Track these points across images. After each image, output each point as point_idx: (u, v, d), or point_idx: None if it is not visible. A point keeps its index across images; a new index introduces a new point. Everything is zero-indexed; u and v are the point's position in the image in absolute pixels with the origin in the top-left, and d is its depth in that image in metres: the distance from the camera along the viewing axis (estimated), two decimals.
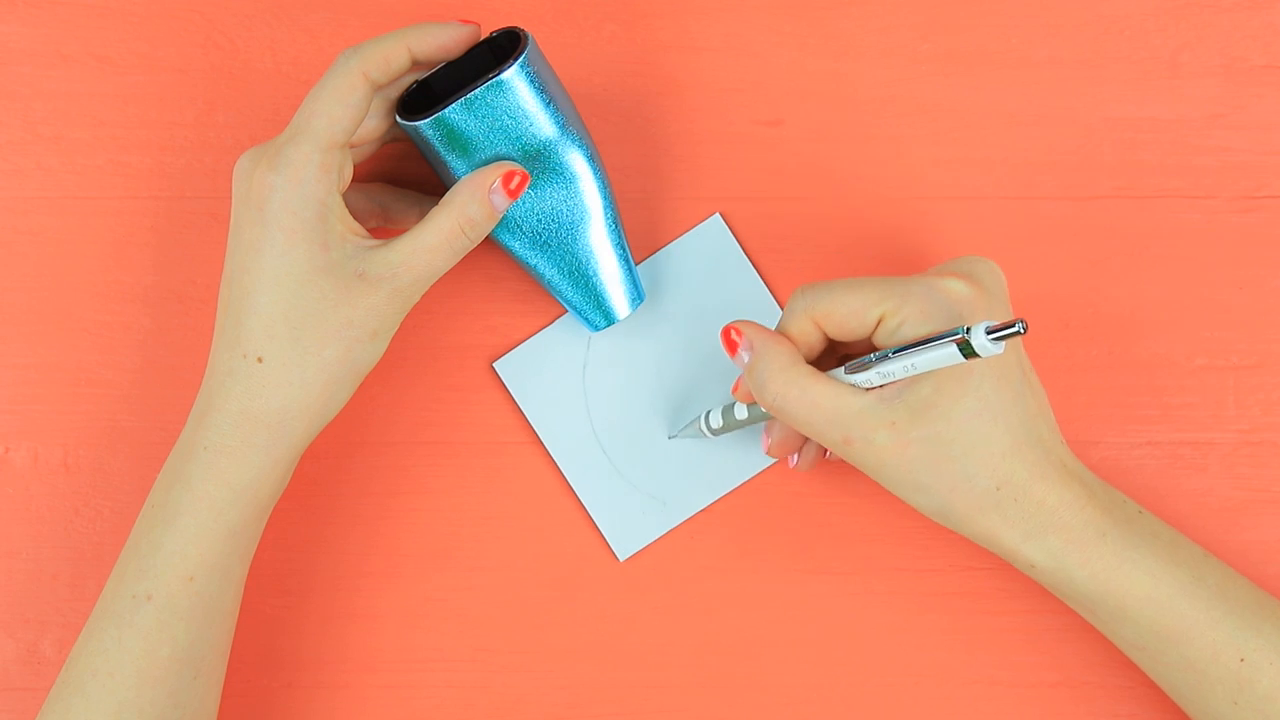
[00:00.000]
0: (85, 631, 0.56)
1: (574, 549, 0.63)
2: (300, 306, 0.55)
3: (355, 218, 0.57)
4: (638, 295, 0.62)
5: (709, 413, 0.61)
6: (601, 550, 0.63)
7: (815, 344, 0.56)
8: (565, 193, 0.59)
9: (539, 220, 0.59)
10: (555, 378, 0.64)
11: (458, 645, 0.63)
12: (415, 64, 0.57)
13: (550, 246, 0.60)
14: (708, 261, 0.64)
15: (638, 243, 0.64)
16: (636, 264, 0.64)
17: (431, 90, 0.58)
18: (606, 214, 0.60)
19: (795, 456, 0.60)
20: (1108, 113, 0.64)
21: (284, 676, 0.63)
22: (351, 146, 0.57)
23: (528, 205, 0.59)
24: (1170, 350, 0.63)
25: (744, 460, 0.63)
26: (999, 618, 0.63)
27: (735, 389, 0.59)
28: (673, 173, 0.64)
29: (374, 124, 0.57)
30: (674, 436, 0.64)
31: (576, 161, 0.58)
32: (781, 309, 0.62)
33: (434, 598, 0.63)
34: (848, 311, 0.54)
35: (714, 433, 0.62)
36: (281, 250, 0.54)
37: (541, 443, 0.63)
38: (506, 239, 0.60)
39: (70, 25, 0.65)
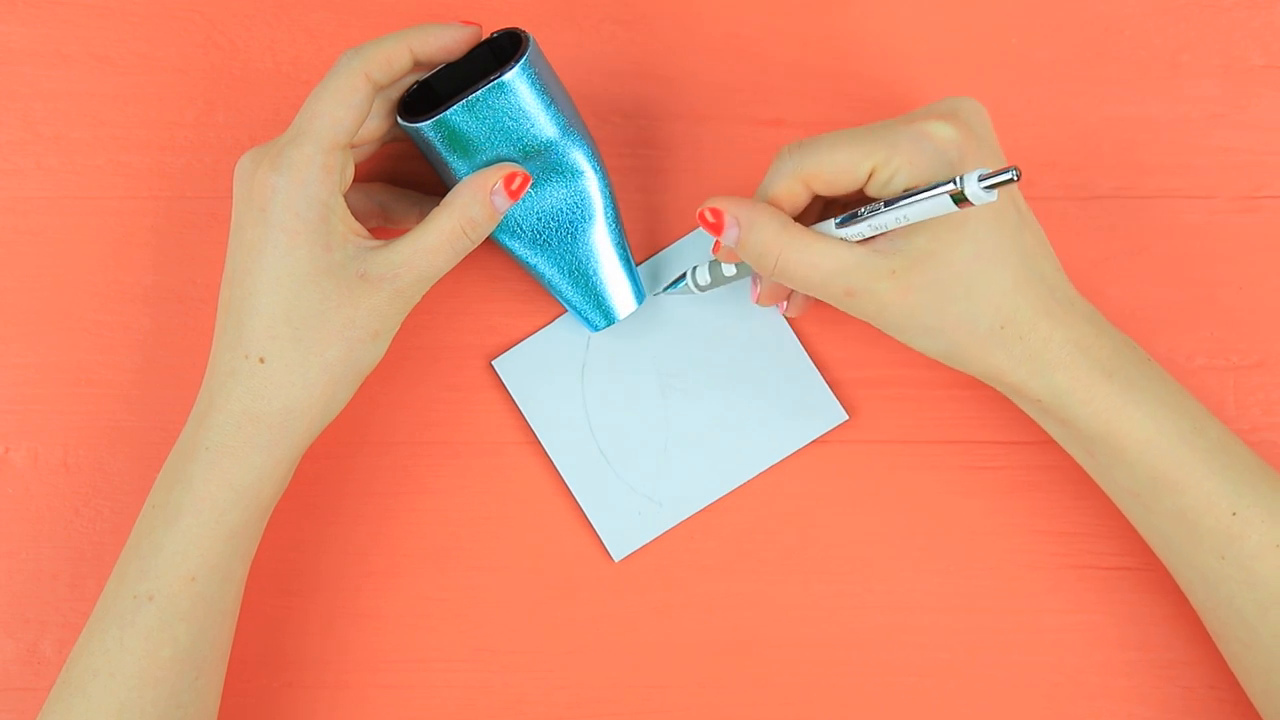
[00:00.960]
0: (86, 631, 0.56)
1: (575, 549, 0.63)
2: (302, 307, 0.55)
3: (356, 218, 0.57)
4: (638, 295, 0.62)
5: (696, 269, 0.61)
6: (601, 551, 0.63)
7: (802, 203, 0.56)
8: (566, 193, 0.59)
9: (540, 220, 0.59)
10: (554, 377, 0.63)
11: (458, 645, 0.63)
12: (417, 65, 0.57)
13: (551, 246, 0.60)
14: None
15: (638, 243, 0.64)
16: (637, 265, 0.64)
17: (432, 91, 0.58)
18: (607, 214, 0.60)
19: (785, 303, 0.61)
20: (1108, 113, 0.64)
21: (285, 676, 0.63)
22: (352, 147, 0.57)
23: (528, 205, 0.59)
24: (1170, 350, 0.63)
25: (741, 463, 0.63)
26: (999, 618, 0.63)
27: (715, 250, 0.59)
28: (673, 173, 0.64)
29: (375, 124, 0.57)
30: (659, 293, 0.63)
31: (578, 162, 0.58)
32: (784, 315, 0.62)
33: (434, 598, 0.63)
34: (838, 169, 0.54)
35: (701, 289, 0.61)
36: (284, 251, 0.54)
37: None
38: (507, 239, 0.60)
39: (70, 25, 0.65)
